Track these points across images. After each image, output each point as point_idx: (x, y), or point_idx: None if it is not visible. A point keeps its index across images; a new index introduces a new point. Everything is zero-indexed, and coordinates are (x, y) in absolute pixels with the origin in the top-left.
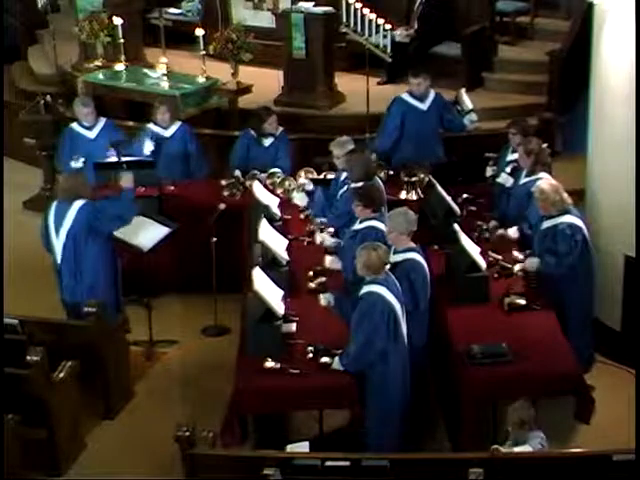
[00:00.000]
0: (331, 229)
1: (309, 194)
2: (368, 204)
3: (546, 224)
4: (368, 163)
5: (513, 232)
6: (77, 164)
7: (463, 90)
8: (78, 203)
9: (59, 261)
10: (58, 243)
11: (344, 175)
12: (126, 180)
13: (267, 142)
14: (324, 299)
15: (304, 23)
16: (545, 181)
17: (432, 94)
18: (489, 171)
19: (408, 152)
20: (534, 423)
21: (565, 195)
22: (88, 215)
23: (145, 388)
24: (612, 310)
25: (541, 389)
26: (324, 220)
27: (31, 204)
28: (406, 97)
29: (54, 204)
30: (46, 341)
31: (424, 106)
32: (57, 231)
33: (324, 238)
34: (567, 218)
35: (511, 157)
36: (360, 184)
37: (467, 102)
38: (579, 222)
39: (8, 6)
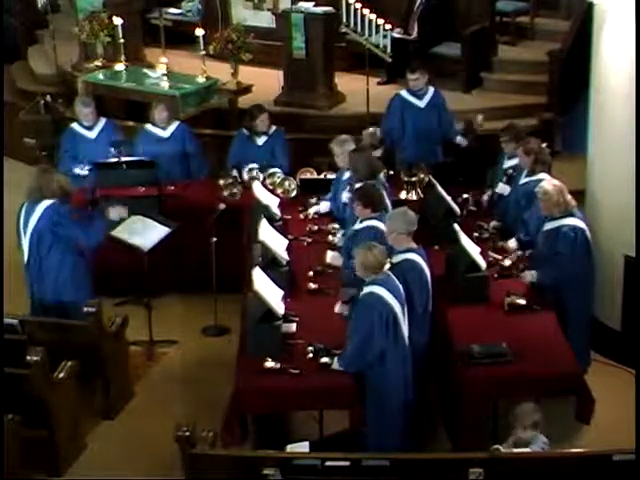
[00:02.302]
0: None
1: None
2: (367, 204)
3: (548, 225)
4: (372, 162)
5: (512, 243)
6: (82, 171)
7: (480, 116)
8: (44, 204)
9: (25, 259)
10: (25, 242)
11: (347, 174)
12: (114, 214)
13: (260, 141)
14: (340, 309)
15: (304, 23)
16: (549, 182)
17: (431, 91)
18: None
19: (409, 150)
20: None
21: (569, 197)
22: (51, 216)
23: (145, 388)
24: (612, 310)
25: (541, 389)
26: None
27: None
28: (404, 94)
29: (26, 202)
30: (46, 341)
31: (422, 103)
32: (25, 230)
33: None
34: (570, 221)
35: (507, 164)
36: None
37: (477, 125)
38: (582, 225)
39: (8, 6)
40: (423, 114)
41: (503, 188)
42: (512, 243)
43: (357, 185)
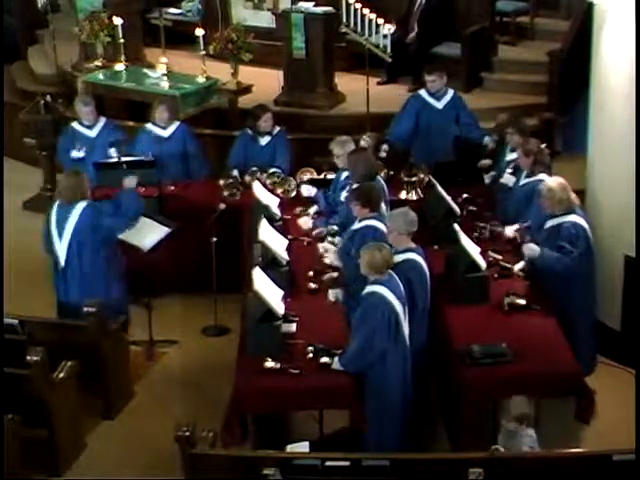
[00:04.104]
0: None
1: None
2: (365, 204)
3: (550, 223)
4: (370, 163)
5: (510, 231)
6: (79, 154)
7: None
8: (81, 205)
9: (63, 263)
10: (62, 246)
11: (345, 174)
12: (129, 181)
13: (264, 141)
14: (333, 294)
15: (304, 23)
16: (554, 179)
17: (450, 93)
18: (487, 179)
19: (420, 150)
20: (532, 420)
21: (573, 195)
22: (91, 216)
23: (145, 388)
24: (612, 310)
25: (541, 389)
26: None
27: (31, 204)
28: (423, 94)
29: (55, 205)
30: (46, 341)
31: (439, 105)
32: (60, 233)
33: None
34: (572, 217)
35: (510, 157)
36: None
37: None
38: (583, 222)
39: (8, 6)
40: (440, 115)
41: (508, 179)
42: (509, 231)
43: (354, 185)
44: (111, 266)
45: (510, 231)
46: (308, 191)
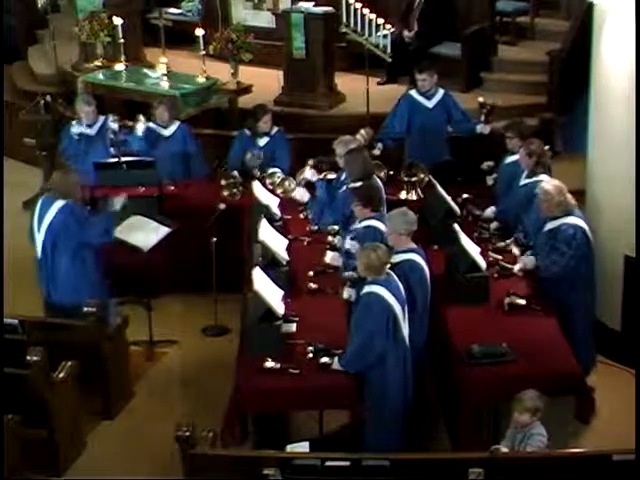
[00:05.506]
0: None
1: (312, 187)
2: (366, 203)
3: (549, 225)
4: (366, 162)
5: (489, 212)
6: (77, 129)
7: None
8: (59, 203)
9: (39, 255)
10: (39, 238)
11: (345, 174)
12: (117, 202)
13: (262, 142)
14: (347, 292)
15: (304, 23)
16: (549, 182)
17: (440, 92)
18: (489, 180)
19: (413, 150)
20: (543, 415)
21: (569, 196)
22: (66, 217)
23: (145, 388)
24: (612, 310)
25: (541, 389)
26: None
27: (31, 204)
28: (414, 93)
29: (42, 198)
30: (46, 341)
31: (430, 104)
32: (39, 225)
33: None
34: (570, 219)
35: (510, 159)
36: (358, 183)
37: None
38: (582, 223)
39: (8, 6)
40: (431, 115)
41: (490, 211)
42: (489, 212)
43: (351, 185)
44: (83, 268)
45: (490, 212)
46: (301, 196)
